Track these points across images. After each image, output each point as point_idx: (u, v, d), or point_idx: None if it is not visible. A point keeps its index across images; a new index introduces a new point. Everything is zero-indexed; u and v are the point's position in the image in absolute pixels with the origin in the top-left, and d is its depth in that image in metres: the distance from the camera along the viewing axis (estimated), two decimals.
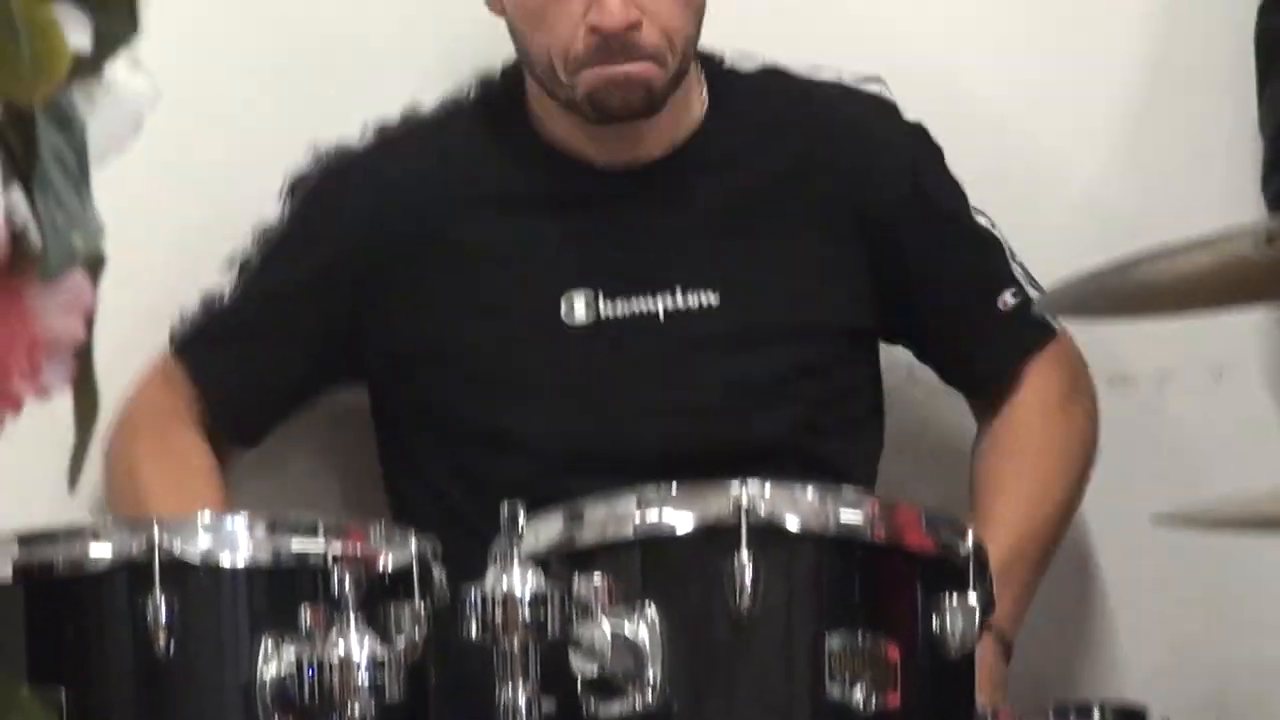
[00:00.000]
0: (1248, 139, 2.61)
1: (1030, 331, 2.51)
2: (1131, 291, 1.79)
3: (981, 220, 2.54)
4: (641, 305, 2.42)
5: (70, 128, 0.83)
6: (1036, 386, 2.52)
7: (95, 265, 0.85)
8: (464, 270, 2.47)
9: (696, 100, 2.50)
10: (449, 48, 2.70)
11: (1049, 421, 2.54)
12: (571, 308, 2.42)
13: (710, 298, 2.43)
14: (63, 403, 0.87)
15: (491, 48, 2.55)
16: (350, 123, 2.52)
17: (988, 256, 2.53)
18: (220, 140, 2.61)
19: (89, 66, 0.83)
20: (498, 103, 2.53)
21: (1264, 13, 2.57)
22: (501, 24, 2.45)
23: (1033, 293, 2.47)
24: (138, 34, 0.84)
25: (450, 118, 2.53)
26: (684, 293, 2.42)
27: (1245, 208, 2.57)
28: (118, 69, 0.86)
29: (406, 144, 2.53)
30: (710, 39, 2.49)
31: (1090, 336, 2.56)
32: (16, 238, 0.81)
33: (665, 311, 2.42)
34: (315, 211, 2.50)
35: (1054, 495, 2.52)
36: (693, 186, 2.50)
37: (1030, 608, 2.44)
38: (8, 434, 0.85)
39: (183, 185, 2.57)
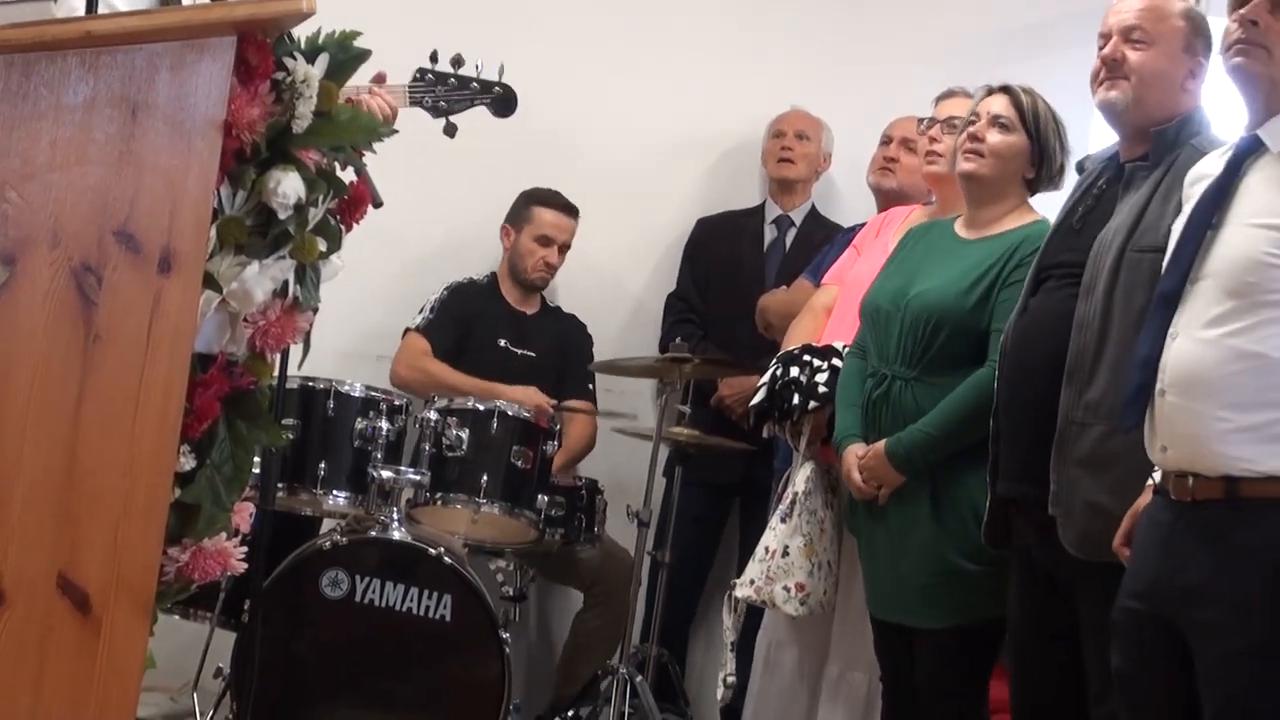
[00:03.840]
0: None
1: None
2: None
3: None
4: None
5: (316, 271, 2.82)
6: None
7: (315, 310, 2.83)
8: None
9: None
10: None
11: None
12: None
13: None
14: None
15: None
16: None
17: None
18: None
19: (323, 256, 2.82)
20: None
21: None
22: None
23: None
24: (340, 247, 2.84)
25: None
26: None
27: None
28: (334, 260, 2.85)
29: None
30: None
31: None
32: (295, 296, 2.79)
33: None
34: None
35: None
36: None
37: None
38: None
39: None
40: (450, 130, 3.92)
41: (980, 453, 3.99)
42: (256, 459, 4.08)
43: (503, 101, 4.13)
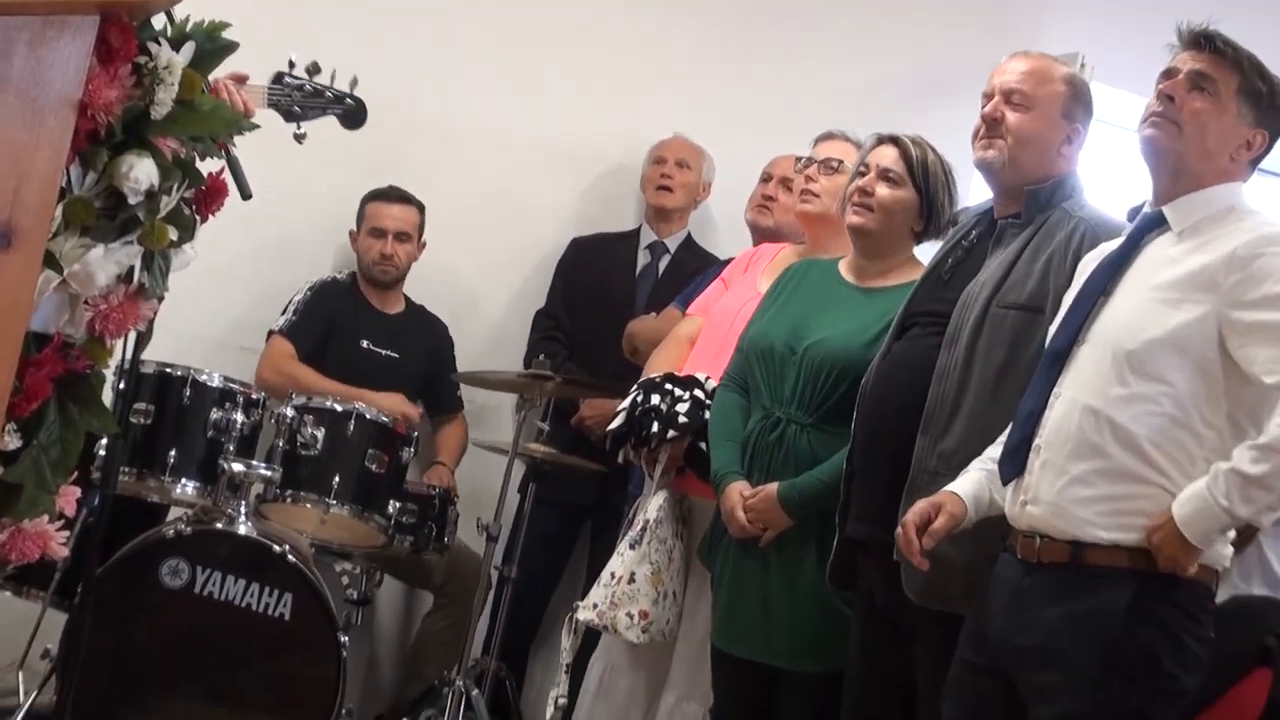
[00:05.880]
0: None
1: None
2: None
3: None
4: None
5: (166, 259, 2.78)
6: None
7: (160, 298, 2.79)
8: None
9: None
10: None
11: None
12: None
13: None
14: None
15: None
16: None
17: None
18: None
19: (174, 245, 2.77)
20: None
21: None
22: None
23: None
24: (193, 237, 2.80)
25: None
26: None
27: None
28: (186, 250, 2.81)
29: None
30: None
31: None
32: (140, 283, 2.75)
33: None
34: None
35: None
36: None
37: None
38: None
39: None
40: (300, 137, 3.93)
41: None
42: (103, 442, 4.08)
43: (352, 114, 4.16)
